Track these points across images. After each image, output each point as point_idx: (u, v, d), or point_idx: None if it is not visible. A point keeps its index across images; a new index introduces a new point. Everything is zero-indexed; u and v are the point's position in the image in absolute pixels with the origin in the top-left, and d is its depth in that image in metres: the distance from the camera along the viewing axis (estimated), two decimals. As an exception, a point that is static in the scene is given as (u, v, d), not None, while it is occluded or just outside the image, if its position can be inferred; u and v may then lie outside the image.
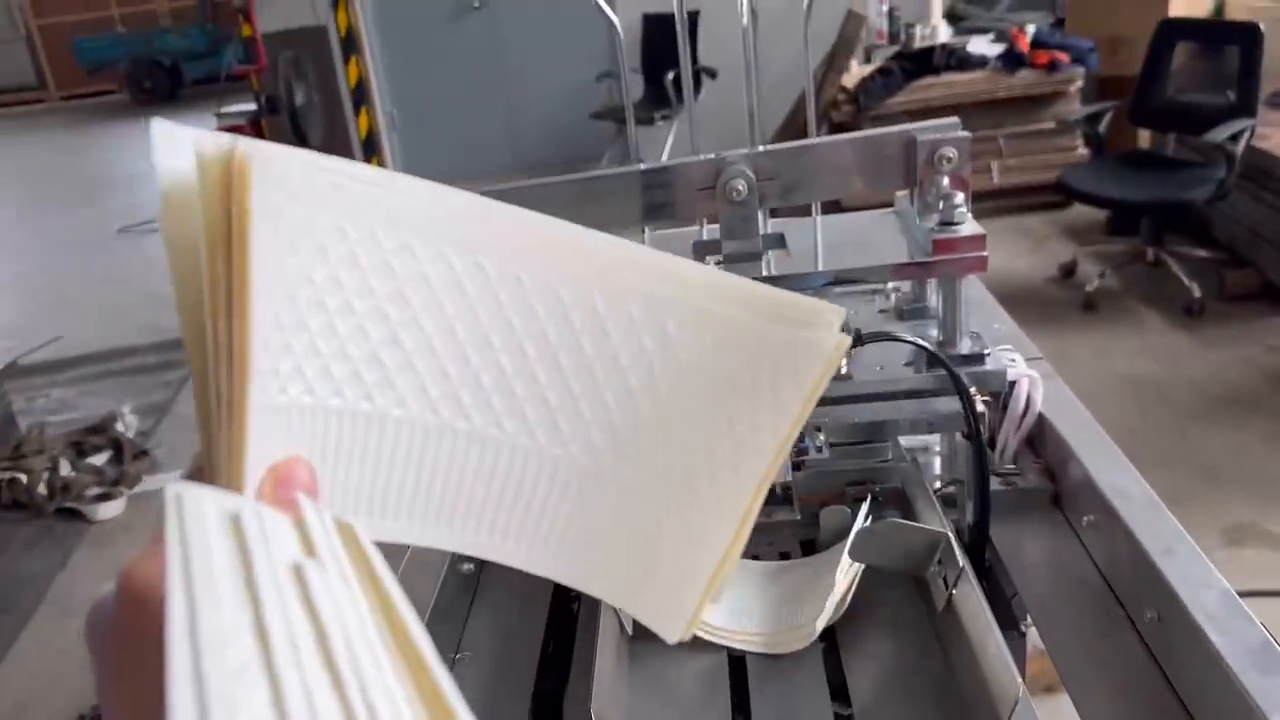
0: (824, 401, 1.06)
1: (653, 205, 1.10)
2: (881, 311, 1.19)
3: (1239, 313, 3.66)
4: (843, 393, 1.06)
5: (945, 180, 1.03)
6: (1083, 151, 4.77)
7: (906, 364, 1.06)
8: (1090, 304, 3.80)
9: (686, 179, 1.07)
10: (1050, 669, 0.87)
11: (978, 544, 1.00)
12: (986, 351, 1.03)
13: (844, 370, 1.07)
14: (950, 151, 1.01)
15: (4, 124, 11.77)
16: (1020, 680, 0.74)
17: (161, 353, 4.60)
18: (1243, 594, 0.80)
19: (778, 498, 1.00)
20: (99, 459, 3.47)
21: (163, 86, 11.89)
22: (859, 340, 0.94)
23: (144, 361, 4.53)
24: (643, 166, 1.10)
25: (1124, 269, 4.02)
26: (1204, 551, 0.85)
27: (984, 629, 0.81)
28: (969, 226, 0.99)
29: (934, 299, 1.15)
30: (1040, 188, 4.72)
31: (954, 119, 1.03)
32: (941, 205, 1.00)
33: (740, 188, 1.02)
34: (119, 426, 3.57)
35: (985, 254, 0.99)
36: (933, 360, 1.00)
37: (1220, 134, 3.49)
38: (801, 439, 1.03)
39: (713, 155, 1.06)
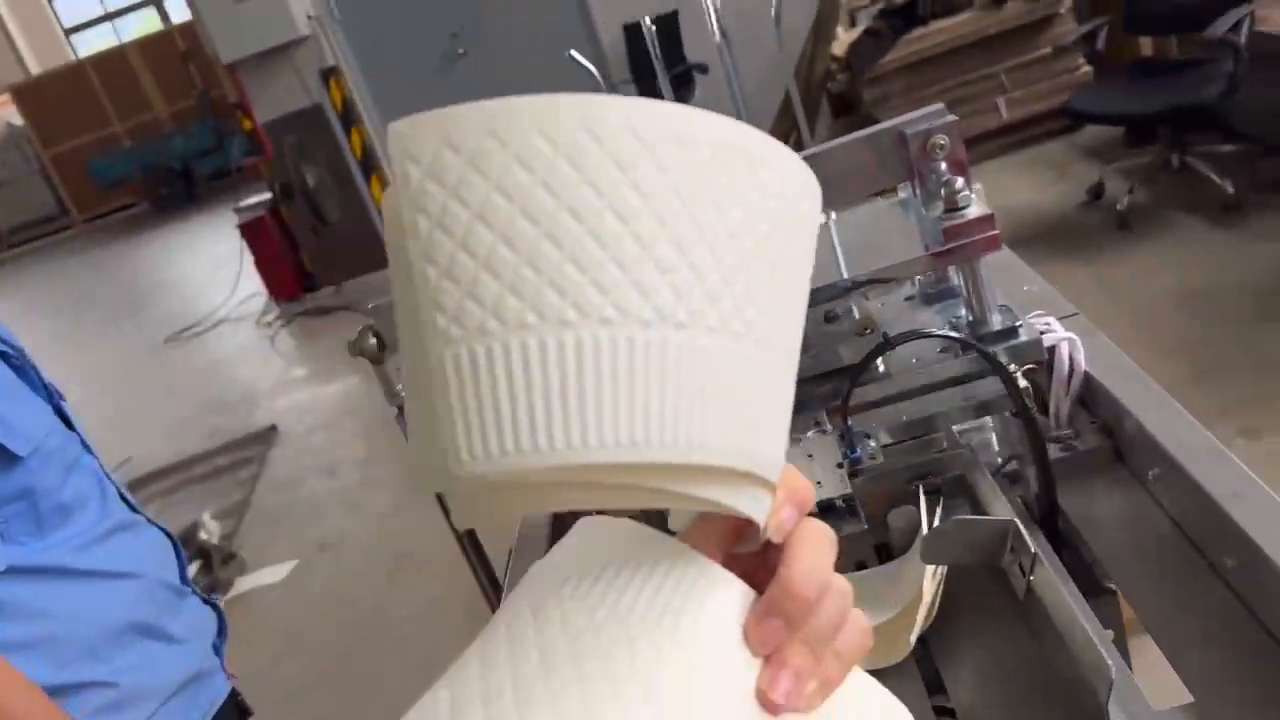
0: (868, 406, 1.07)
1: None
2: (908, 299, 1.19)
3: (1278, 201, 3.57)
4: (885, 393, 1.07)
5: (943, 166, 1.03)
6: (1087, 69, 4.69)
7: (942, 351, 1.06)
8: (1124, 222, 3.73)
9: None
10: (1143, 632, 0.86)
11: (1048, 516, 1.00)
12: (1019, 324, 1.03)
13: (881, 369, 1.07)
14: (941, 139, 1.02)
15: (34, 257, 12.07)
16: (1110, 662, 0.74)
17: (230, 453, 4.70)
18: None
19: (841, 510, 0.99)
20: (190, 570, 3.54)
21: (178, 189, 12.12)
22: (888, 344, 0.94)
23: (216, 464, 4.63)
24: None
25: (1151, 180, 3.93)
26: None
27: (1068, 613, 0.80)
28: (975, 208, 0.99)
29: (957, 278, 1.15)
30: (1052, 114, 4.64)
31: (939, 106, 1.03)
32: (944, 192, 1.00)
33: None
34: (202, 535, 3.66)
35: (996, 233, 0.99)
36: (965, 346, 1.00)
37: (1220, 27, 3.41)
38: (853, 447, 1.03)
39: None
